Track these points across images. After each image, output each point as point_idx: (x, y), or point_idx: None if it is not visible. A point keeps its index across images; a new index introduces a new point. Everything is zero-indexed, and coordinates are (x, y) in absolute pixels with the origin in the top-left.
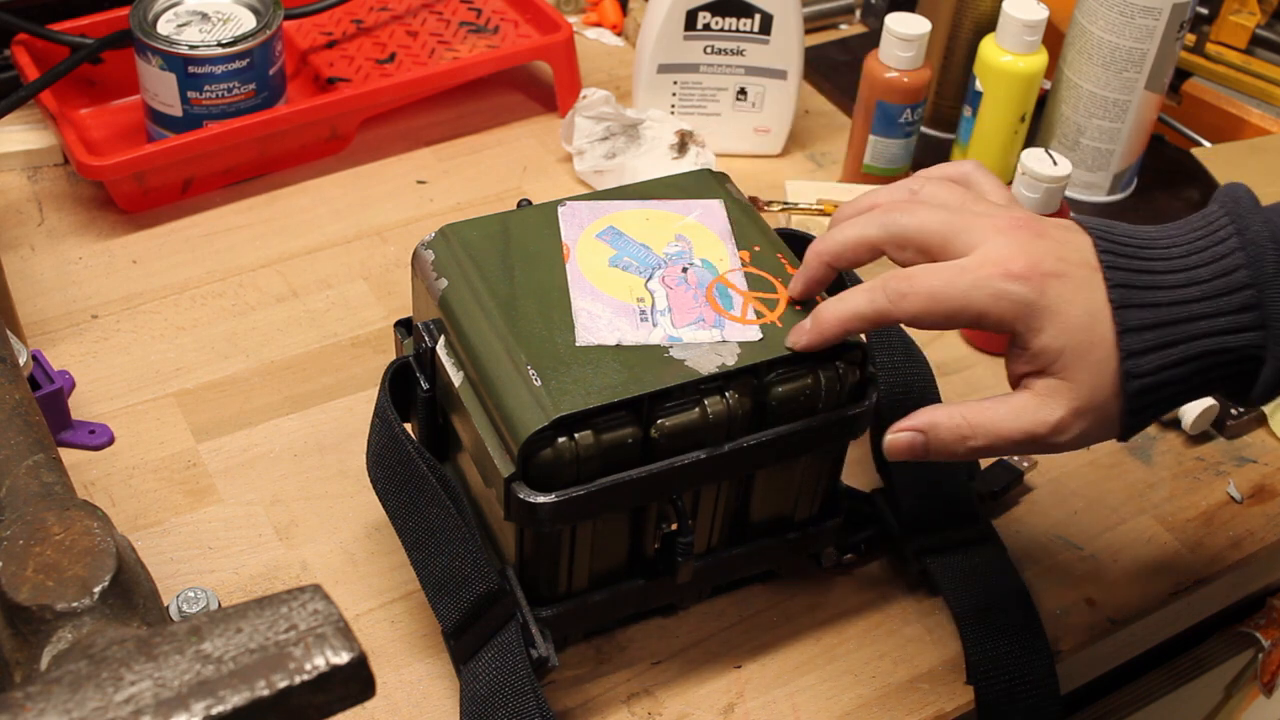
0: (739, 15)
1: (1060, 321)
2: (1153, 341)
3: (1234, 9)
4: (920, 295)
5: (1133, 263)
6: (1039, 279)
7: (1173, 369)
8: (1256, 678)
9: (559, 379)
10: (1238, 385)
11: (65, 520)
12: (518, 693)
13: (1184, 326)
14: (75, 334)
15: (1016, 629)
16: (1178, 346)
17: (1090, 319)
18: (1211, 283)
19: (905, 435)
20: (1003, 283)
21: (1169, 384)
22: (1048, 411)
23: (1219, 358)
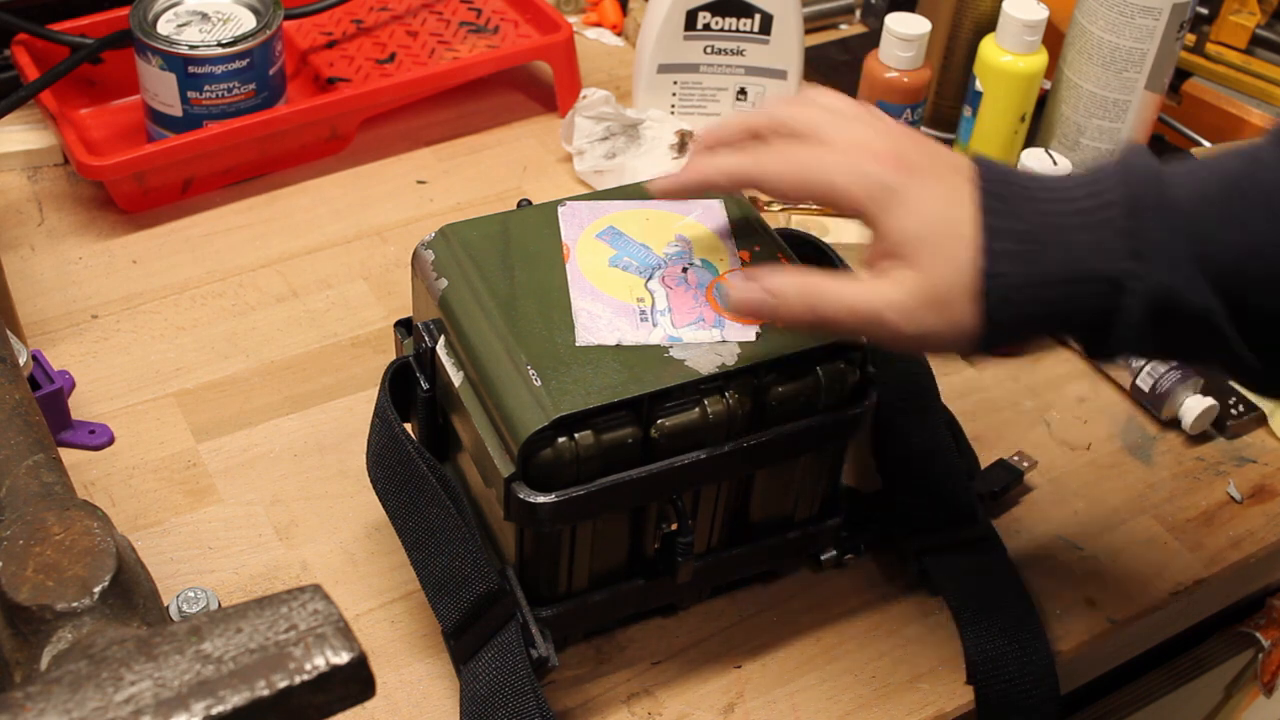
0: (739, 15)
1: (915, 208)
2: (1019, 251)
3: (1234, 9)
4: (779, 156)
5: (1010, 178)
6: (904, 168)
7: (1037, 286)
8: (1256, 678)
9: (559, 379)
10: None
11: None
12: (518, 693)
13: (1051, 244)
14: (75, 334)
15: (1016, 629)
16: (1042, 263)
17: (949, 210)
18: (1087, 206)
19: (756, 293)
20: (865, 163)
21: (1031, 303)
22: (895, 294)
23: (1085, 284)
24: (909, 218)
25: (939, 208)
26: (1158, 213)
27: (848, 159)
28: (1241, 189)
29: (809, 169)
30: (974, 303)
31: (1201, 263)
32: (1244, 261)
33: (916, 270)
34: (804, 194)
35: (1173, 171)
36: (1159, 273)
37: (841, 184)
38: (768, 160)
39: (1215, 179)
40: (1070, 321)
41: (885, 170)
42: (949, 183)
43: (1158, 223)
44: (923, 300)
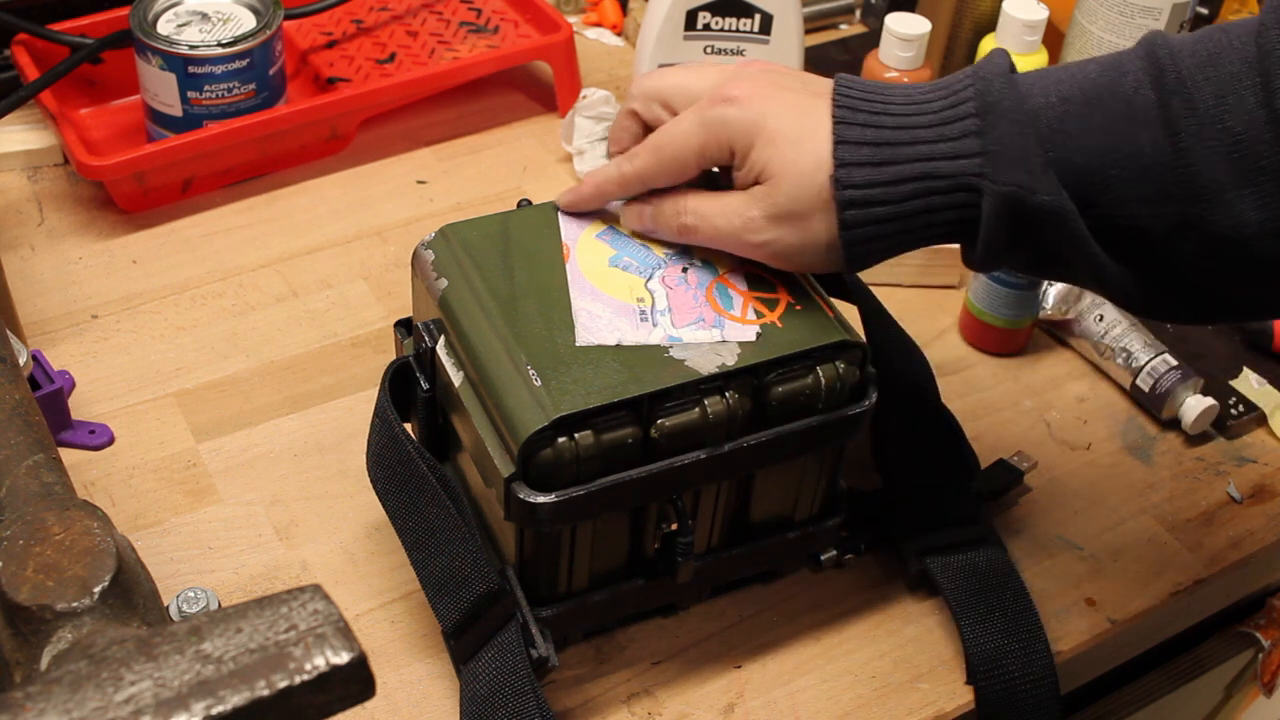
0: (739, 15)
1: (768, 134)
2: (868, 157)
3: (1234, 9)
4: (646, 149)
5: (864, 93)
6: (750, 99)
7: (886, 186)
8: (1256, 678)
9: (559, 379)
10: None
11: (65, 520)
12: (518, 693)
13: (903, 148)
14: (75, 334)
15: (1016, 629)
16: (893, 166)
17: (801, 133)
18: (939, 113)
19: (635, 208)
20: (711, 110)
21: (883, 203)
22: (749, 209)
23: (936, 183)
24: (764, 146)
25: (788, 128)
26: (1010, 114)
27: (699, 115)
28: (1101, 95)
29: (670, 148)
30: (827, 213)
31: (1057, 165)
32: (1101, 165)
33: (771, 188)
34: (681, 170)
35: (1031, 76)
36: (1009, 171)
37: (704, 140)
38: (638, 161)
39: (1076, 85)
40: (931, 229)
41: (736, 108)
42: (797, 101)
43: (1009, 123)
44: (774, 214)
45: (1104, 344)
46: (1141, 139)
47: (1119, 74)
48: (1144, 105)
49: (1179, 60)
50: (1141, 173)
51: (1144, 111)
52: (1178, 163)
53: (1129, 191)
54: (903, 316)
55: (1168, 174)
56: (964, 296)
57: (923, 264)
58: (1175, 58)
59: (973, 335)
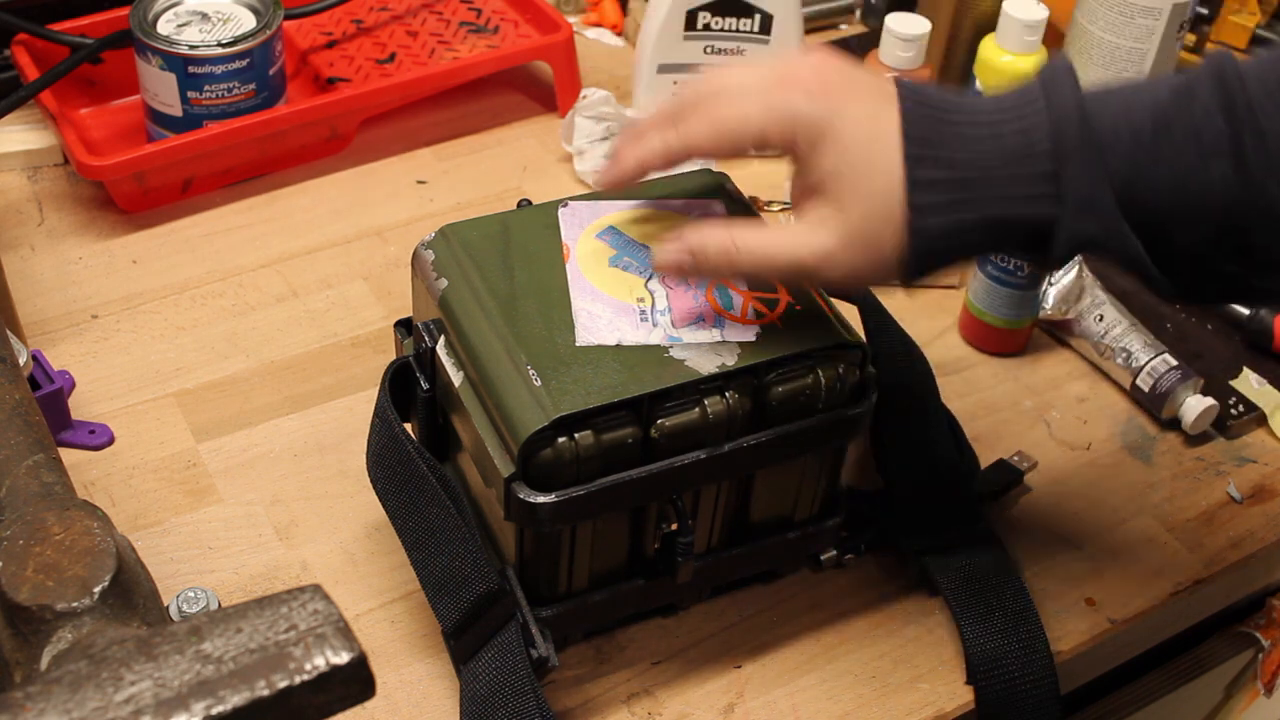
0: (739, 15)
1: (840, 142)
2: (944, 200)
3: (1234, 9)
4: (701, 121)
5: (934, 113)
6: (823, 94)
7: (961, 234)
8: (1256, 678)
9: (559, 379)
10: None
11: (65, 520)
12: (518, 693)
13: (977, 189)
14: (75, 334)
15: (1016, 629)
16: (970, 208)
17: (874, 142)
18: (1013, 148)
19: (674, 254)
20: (781, 94)
21: (957, 247)
22: (816, 238)
23: (1010, 227)
24: (834, 156)
25: (863, 139)
26: (1083, 155)
27: (765, 98)
28: (1170, 125)
29: (730, 122)
30: (899, 239)
31: (1127, 205)
32: (1169, 199)
33: (840, 209)
34: (734, 148)
35: (1102, 103)
36: (1082, 221)
37: (767, 125)
38: (690, 128)
39: (1147, 113)
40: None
41: (806, 99)
42: (870, 104)
43: (1083, 167)
44: (848, 242)
45: (1104, 344)
46: (1211, 171)
47: (1189, 100)
48: (1214, 136)
49: (1251, 90)
50: (1206, 209)
51: (1214, 142)
52: (1245, 195)
53: (1193, 226)
54: (903, 316)
55: (1235, 205)
56: (964, 296)
57: None
58: (1247, 87)
59: (973, 335)
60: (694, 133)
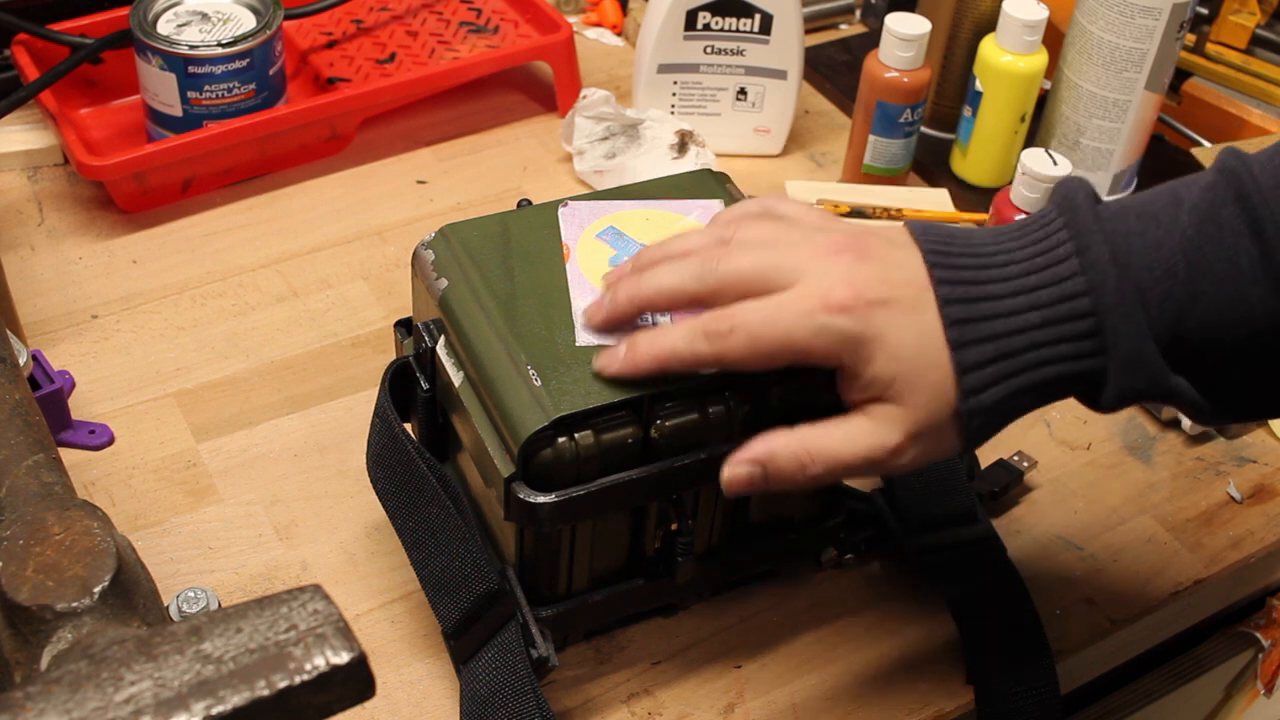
0: (739, 15)
1: (889, 349)
2: (993, 376)
3: (1234, 9)
4: (739, 337)
5: (969, 289)
6: (863, 309)
7: (1014, 399)
8: (1256, 678)
9: (559, 379)
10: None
11: (65, 520)
12: (518, 693)
13: (1023, 356)
14: (75, 334)
15: (1016, 629)
16: (1018, 376)
17: (921, 342)
18: (1052, 308)
19: (744, 469)
20: (825, 316)
21: (1011, 411)
22: (885, 435)
23: (1060, 385)
24: (883, 359)
25: (909, 340)
26: (1124, 308)
27: (807, 318)
28: (1204, 259)
29: (770, 344)
30: (955, 422)
31: (1171, 349)
32: (1212, 333)
33: (903, 407)
34: (775, 364)
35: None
36: (1129, 377)
37: (810, 345)
38: (728, 346)
39: (1177, 251)
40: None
41: (848, 320)
42: (907, 300)
43: (1124, 320)
44: (912, 436)
45: None
46: (1251, 297)
47: (1216, 229)
48: (1248, 262)
49: (1273, 205)
50: (1253, 333)
51: (1249, 268)
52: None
53: (1240, 351)
54: None
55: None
56: None
57: None
58: (1269, 202)
59: None
60: (731, 349)
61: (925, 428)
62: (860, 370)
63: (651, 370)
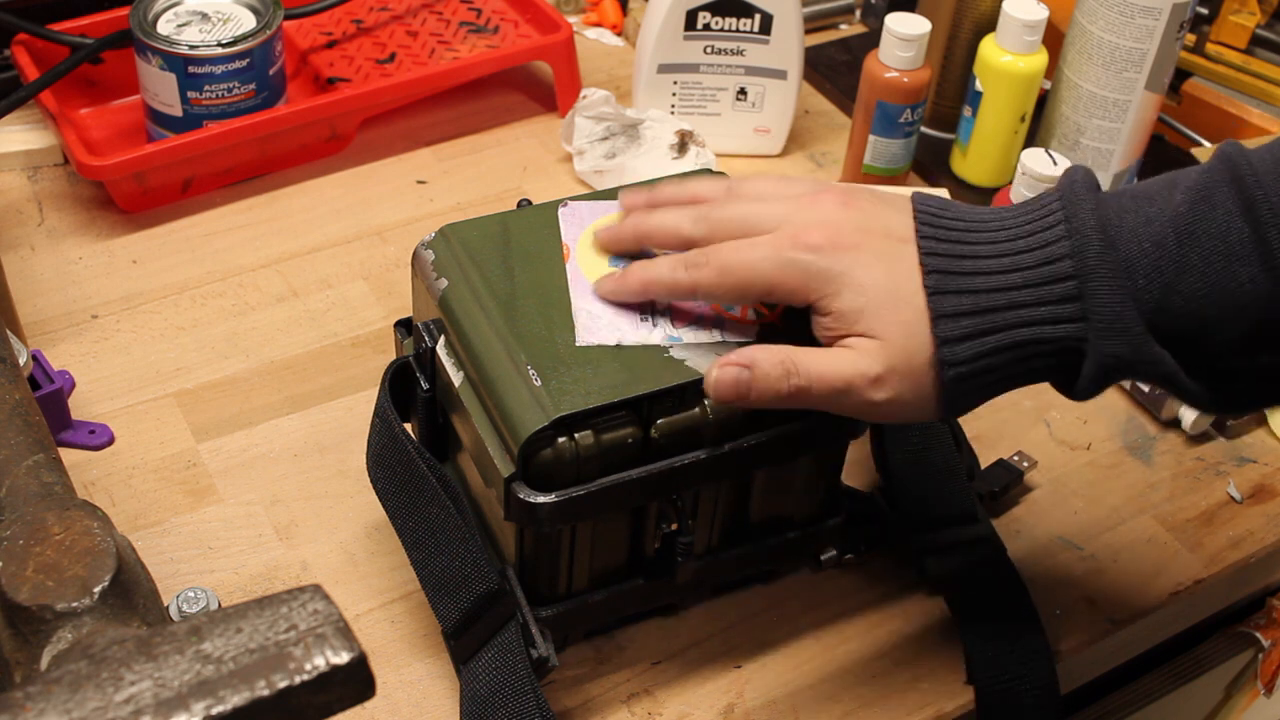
0: (739, 15)
1: (855, 285)
2: (969, 329)
3: (1234, 9)
4: (711, 268)
5: (954, 247)
6: (832, 249)
7: (990, 357)
8: (1256, 678)
9: (559, 379)
10: (1062, 376)
11: (65, 520)
12: (518, 693)
13: (1003, 314)
14: (75, 334)
15: (1016, 629)
16: (995, 334)
17: (891, 282)
18: (1035, 270)
19: (731, 370)
20: (792, 253)
21: (987, 371)
22: (865, 364)
23: (1039, 347)
24: (855, 295)
25: (880, 280)
26: (1107, 273)
27: (776, 251)
28: (1193, 234)
29: (738, 272)
30: (933, 376)
31: (1156, 321)
32: (1200, 308)
33: (878, 340)
34: (745, 297)
35: (1121, 216)
36: (1111, 342)
37: (776, 279)
38: (700, 274)
39: (1168, 225)
40: (1032, 377)
41: (817, 255)
42: (885, 253)
43: (1108, 289)
44: (891, 368)
45: None
46: (1240, 276)
47: (1209, 207)
48: (1239, 240)
49: (1267, 188)
50: (1239, 310)
51: (1240, 246)
52: (1277, 295)
53: (1226, 329)
54: None
55: (1266, 308)
56: None
57: None
58: (1263, 185)
59: None
60: (703, 278)
61: (902, 366)
62: (828, 305)
63: (637, 294)
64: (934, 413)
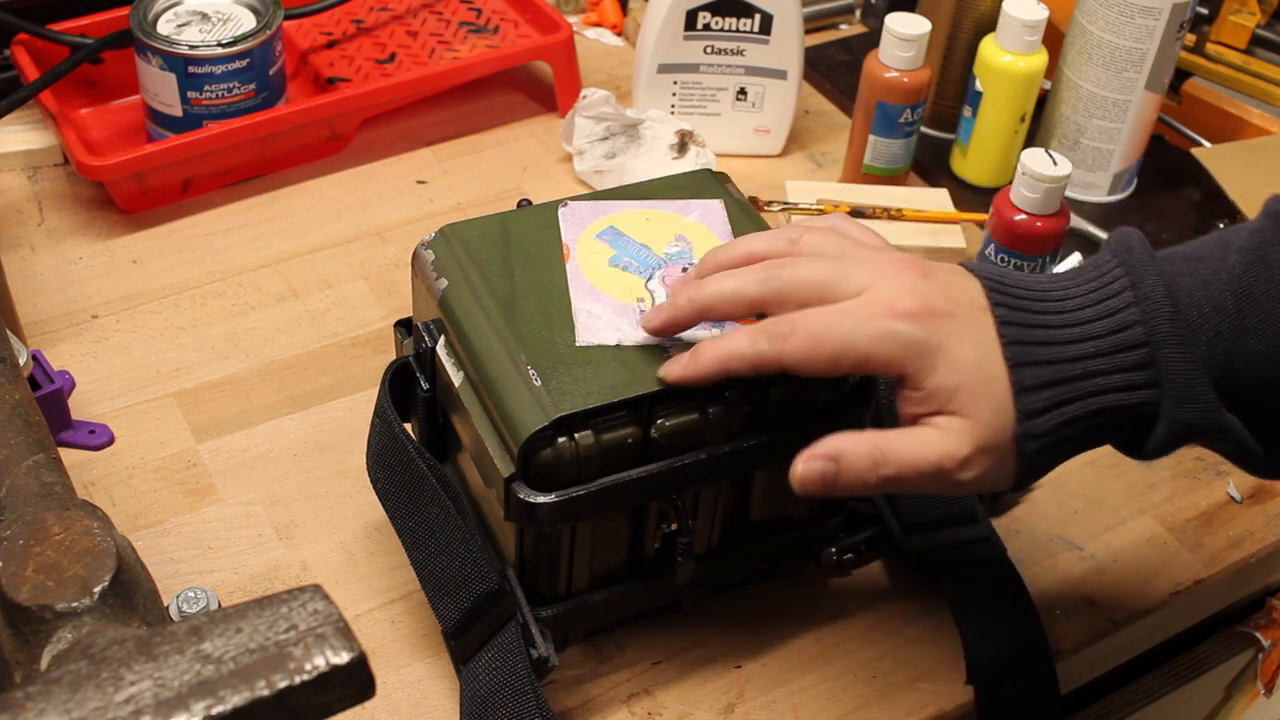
0: (739, 15)
1: (951, 360)
2: (1048, 400)
3: (1234, 9)
4: (800, 338)
5: (1026, 316)
6: (927, 318)
7: (1069, 426)
8: (1256, 678)
9: (559, 379)
10: (1131, 440)
11: (65, 520)
12: (518, 693)
13: (1079, 384)
14: (75, 334)
15: (1016, 629)
16: (1073, 404)
17: (983, 358)
18: (1106, 339)
19: (817, 465)
20: (889, 322)
21: (1066, 440)
22: (954, 445)
23: (1114, 415)
24: (951, 372)
25: (970, 353)
26: (1177, 341)
27: (870, 323)
28: (1254, 296)
29: (832, 345)
30: (1014, 448)
31: (1222, 384)
32: (1263, 370)
33: (968, 420)
34: (835, 369)
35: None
36: (1182, 409)
37: (872, 350)
38: (789, 346)
39: (1226, 288)
40: (1103, 442)
41: (913, 327)
42: (969, 318)
43: (1179, 353)
44: (979, 449)
45: None
46: None
47: (1265, 268)
48: None
49: None
50: None
51: None
52: None
53: None
54: None
55: None
56: None
57: None
58: None
59: None
60: (791, 349)
61: (989, 444)
62: (923, 380)
63: (715, 373)
64: (1011, 482)
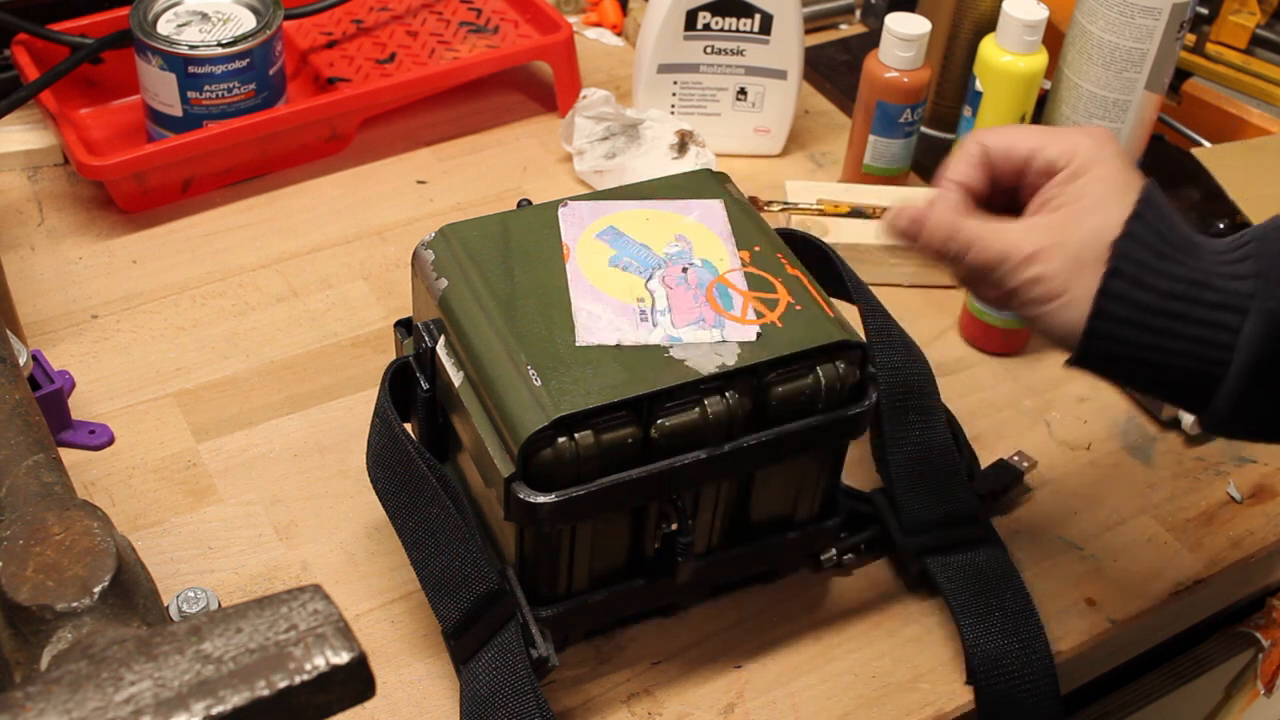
0: (739, 15)
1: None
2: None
3: (1234, 9)
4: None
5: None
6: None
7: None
8: (1256, 678)
9: (559, 379)
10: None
11: (65, 520)
12: (518, 693)
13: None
14: (75, 334)
15: (1016, 629)
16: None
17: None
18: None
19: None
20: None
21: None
22: (1032, 238)
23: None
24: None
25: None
26: None
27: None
28: None
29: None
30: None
31: None
32: None
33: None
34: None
35: None
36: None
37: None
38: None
39: None
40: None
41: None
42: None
43: None
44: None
45: None
46: None
47: None
48: None
49: None
50: None
51: None
52: None
53: None
54: (903, 317)
55: None
56: (964, 296)
57: (923, 264)
58: None
59: (973, 335)
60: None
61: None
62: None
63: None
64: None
